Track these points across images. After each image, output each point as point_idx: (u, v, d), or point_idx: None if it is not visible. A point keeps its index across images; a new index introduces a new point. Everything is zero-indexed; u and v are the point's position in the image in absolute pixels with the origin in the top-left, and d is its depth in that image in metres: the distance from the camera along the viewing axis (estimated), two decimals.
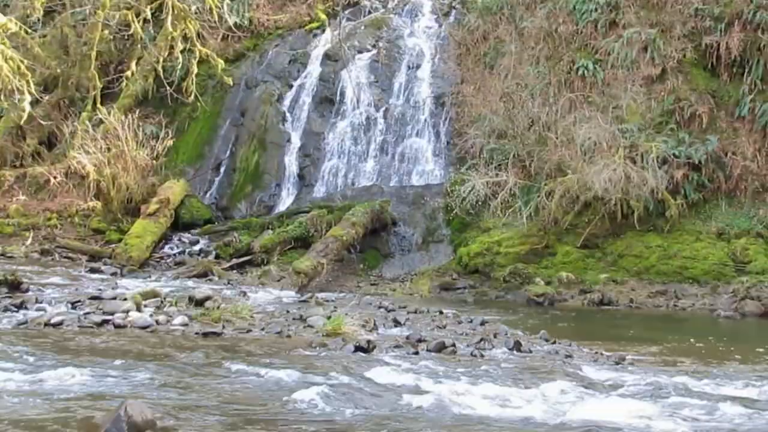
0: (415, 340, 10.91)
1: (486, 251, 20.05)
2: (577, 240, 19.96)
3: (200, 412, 6.81)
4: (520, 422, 7.21)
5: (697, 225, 20.04)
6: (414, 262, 20.92)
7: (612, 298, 18.34)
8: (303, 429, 6.48)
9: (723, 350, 12.42)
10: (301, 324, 11.88)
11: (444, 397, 7.86)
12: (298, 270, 17.99)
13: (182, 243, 21.66)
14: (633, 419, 7.50)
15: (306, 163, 23.84)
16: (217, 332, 10.92)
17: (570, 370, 9.87)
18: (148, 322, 11.20)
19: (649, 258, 19.51)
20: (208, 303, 12.59)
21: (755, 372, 10.58)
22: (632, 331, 14.69)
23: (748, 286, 18.15)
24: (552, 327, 13.41)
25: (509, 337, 11.63)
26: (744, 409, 8.04)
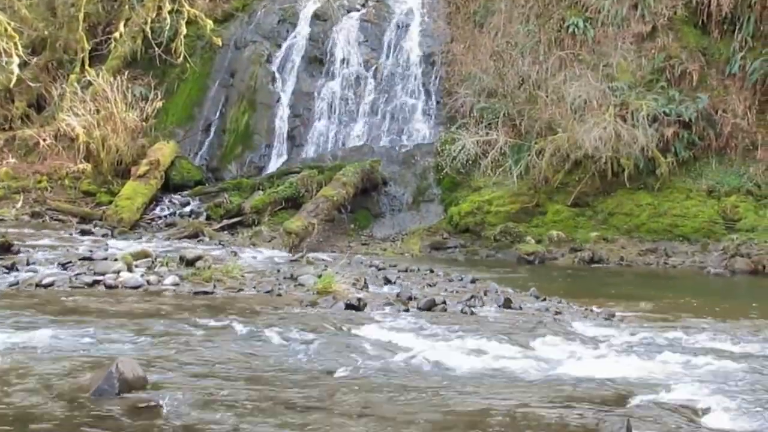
0: (406, 297, 10.93)
1: (477, 210, 20.08)
2: (567, 198, 19.99)
3: (191, 370, 6.82)
4: (510, 377, 7.24)
5: (688, 183, 20.07)
6: (405, 222, 20.94)
7: (602, 256, 18.40)
8: (294, 385, 6.50)
9: (713, 307, 12.46)
10: (292, 283, 11.89)
11: (434, 353, 7.89)
12: (289, 230, 18.01)
13: (173, 204, 21.64)
14: (622, 374, 7.54)
15: (296, 124, 23.78)
16: (208, 291, 10.93)
17: (560, 326, 9.90)
18: (139, 282, 11.20)
19: (639, 216, 19.56)
20: (198, 263, 12.57)
21: (745, 327, 10.63)
22: (622, 289, 14.74)
23: (738, 244, 18.22)
24: (542, 285, 13.45)
25: (499, 295, 11.66)
26: (734, 364, 8.09)
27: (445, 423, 5.62)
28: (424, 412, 5.90)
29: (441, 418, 5.73)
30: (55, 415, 5.32)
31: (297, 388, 6.40)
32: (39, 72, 25.39)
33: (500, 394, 6.45)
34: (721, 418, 6.08)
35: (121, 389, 5.85)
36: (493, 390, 6.62)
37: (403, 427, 5.47)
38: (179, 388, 6.15)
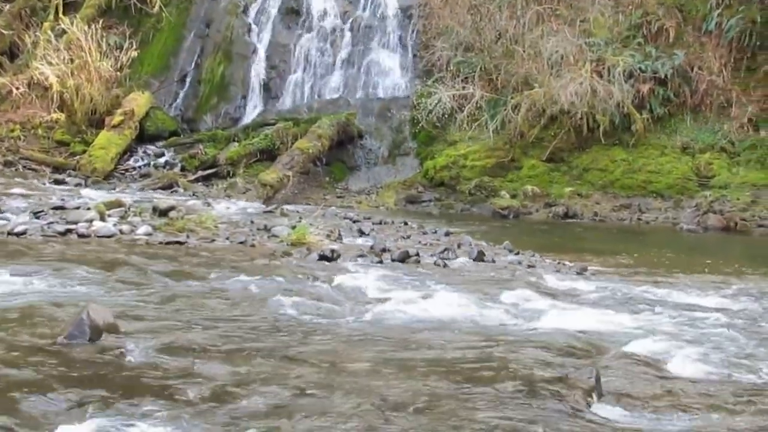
0: (379, 249, 10.94)
1: (452, 164, 20.09)
2: (542, 153, 20.02)
3: (163, 318, 6.82)
4: (481, 328, 7.28)
5: (662, 139, 20.13)
6: (380, 175, 20.94)
7: (576, 212, 18.48)
8: (264, 334, 6.52)
9: (684, 262, 12.56)
10: (266, 234, 11.88)
11: (407, 303, 7.92)
12: (264, 182, 17.97)
13: (147, 155, 21.52)
14: (593, 326, 7.60)
15: (272, 75, 23.64)
16: (181, 241, 10.91)
17: (532, 279, 9.96)
18: (112, 232, 11.16)
19: (614, 172, 19.63)
20: (172, 213, 12.53)
21: (714, 282, 10.72)
22: (596, 244, 14.83)
23: (711, 201, 18.34)
24: (516, 239, 13.50)
25: (473, 248, 11.69)
26: (702, 317, 8.18)
27: (413, 371, 5.65)
28: (394, 360, 5.94)
29: (410, 366, 5.77)
30: (26, 361, 5.31)
31: (268, 337, 6.42)
32: (12, 19, 25.07)
33: (471, 344, 6.49)
34: (688, 368, 6.15)
35: (92, 335, 5.85)
36: (464, 340, 6.66)
37: (372, 375, 5.50)
38: (150, 335, 6.16)
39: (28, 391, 4.72)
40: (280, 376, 5.29)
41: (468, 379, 5.45)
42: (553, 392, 5.23)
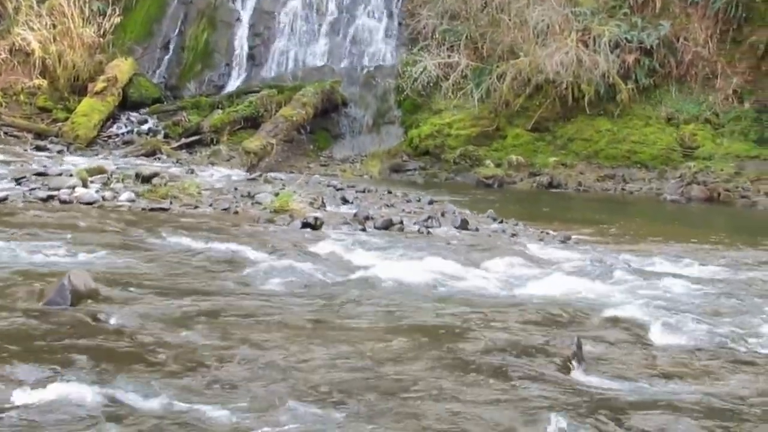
0: (363, 217, 10.92)
1: (437, 133, 20.05)
2: (527, 123, 20.00)
3: (145, 284, 6.81)
4: (463, 295, 7.29)
5: (647, 110, 20.13)
6: (365, 144, 20.88)
7: (561, 181, 18.51)
8: (247, 299, 6.51)
9: (667, 232, 12.59)
10: (249, 201, 11.84)
11: (390, 271, 7.91)
12: (248, 150, 17.91)
13: (130, 122, 21.37)
14: (575, 294, 7.63)
15: (256, 43, 23.47)
16: (164, 208, 10.86)
17: (516, 247, 9.96)
18: (94, 198, 11.09)
19: (598, 142, 19.64)
20: (155, 180, 12.46)
21: (696, 252, 10.76)
22: (579, 213, 14.87)
23: (694, 171, 18.39)
24: (500, 208, 13.50)
25: (457, 216, 11.68)
26: (683, 285, 8.22)
27: (394, 337, 5.66)
28: (374, 325, 5.95)
29: (391, 332, 5.78)
30: (7, 326, 5.30)
31: (250, 302, 6.41)
32: None
33: (452, 311, 6.50)
34: (668, 336, 6.19)
35: (73, 301, 5.84)
36: (446, 307, 6.67)
37: (353, 341, 5.50)
38: (131, 300, 6.15)
39: (8, 356, 4.71)
40: (261, 342, 5.29)
41: (449, 346, 5.46)
42: (534, 359, 5.24)
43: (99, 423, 3.93)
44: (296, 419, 4.10)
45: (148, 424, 3.97)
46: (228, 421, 4.04)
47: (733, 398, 4.87)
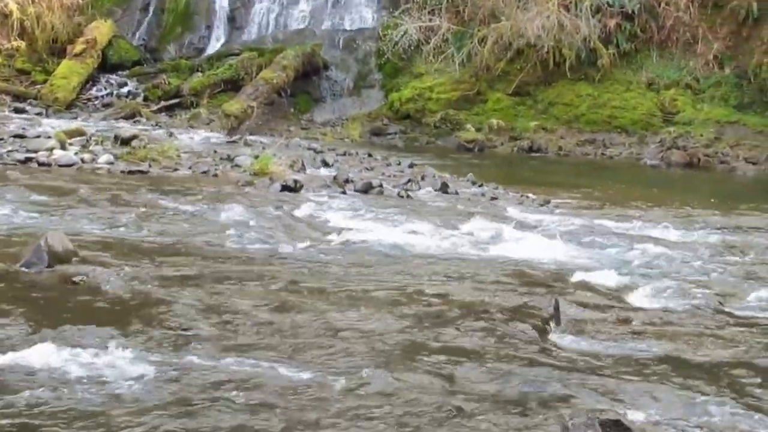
0: (343, 180, 10.91)
1: (417, 97, 19.98)
2: (508, 87, 19.94)
3: (123, 245, 6.80)
4: (443, 258, 7.31)
5: (628, 75, 20.09)
6: (345, 107, 20.79)
7: (541, 146, 18.51)
8: (228, 264, 6.51)
9: (646, 196, 12.62)
10: (229, 164, 11.80)
11: (369, 233, 7.93)
12: (228, 113, 17.83)
13: (110, 85, 21.21)
14: (554, 257, 7.65)
15: (237, 5, 23.26)
16: (143, 170, 10.82)
17: (495, 211, 10.00)
18: (73, 160, 11.04)
19: (579, 107, 19.60)
20: (134, 142, 12.41)
21: (675, 216, 10.81)
22: (559, 177, 14.87)
23: (674, 136, 18.40)
24: (480, 172, 13.50)
25: (436, 179, 11.69)
26: (661, 250, 8.25)
27: (371, 297, 5.67)
28: (353, 285, 5.96)
29: (368, 292, 5.79)
30: None
31: (228, 264, 6.41)
32: None
33: (431, 273, 6.52)
34: (644, 299, 6.23)
35: (50, 262, 5.82)
36: (425, 268, 6.69)
37: (330, 302, 5.52)
38: (110, 261, 6.13)
39: None
40: (239, 303, 5.29)
41: (428, 307, 5.48)
42: (512, 320, 5.27)
43: (72, 383, 3.93)
44: (268, 377, 4.12)
45: (125, 384, 3.97)
46: (200, 381, 4.05)
47: (707, 359, 4.91)
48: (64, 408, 3.67)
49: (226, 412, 3.70)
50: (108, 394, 3.84)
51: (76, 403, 3.72)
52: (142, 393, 3.87)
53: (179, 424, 3.58)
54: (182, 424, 3.58)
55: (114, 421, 3.58)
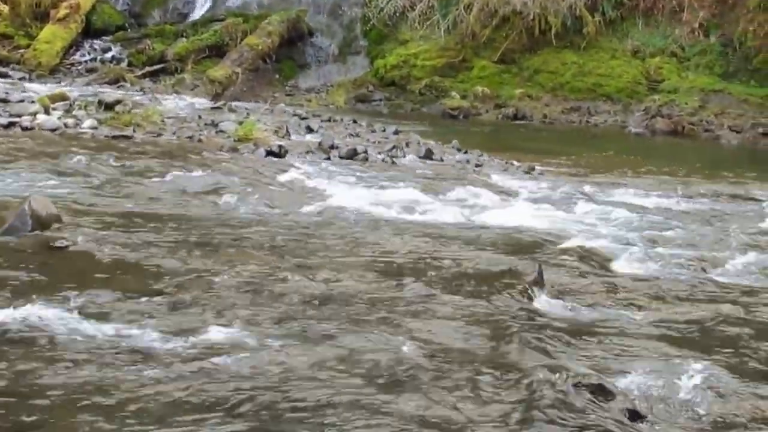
0: (328, 146, 10.87)
1: (403, 64, 19.92)
2: (493, 54, 19.90)
3: (107, 210, 6.78)
4: (429, 223, 7.32)
5: (614, 43, 20.08)
6: (330, 74, 20.72)
7: (526, 113, 18.49)
8: (210, 226, 6.50)
9: (631, 164, 12.65)
10: (213, 129, 11.74)
11: (354, 200, 7.94)
12: (213, 78, 17.77)
13: (94, 50, 21.07)
14: (538, 223, 7.68)
15: None
16: (127, 135, 10.76)
17: (480, 177, 10.01)
18: (56, 125, 10.98)
19: (564, 74, 19.59)
20: (118, 107, 12.33)
21: (661, 183, 10.86)
22: (544, 145, 14.89)
23: (659, 104, 18.42)
24: (465, 139, 13.47)
25: (421, 146, 11.68)
26: (645, 217, 8.30)
27: (356, 263, 5.68)
28: (336, 250, 5.96)
29: (354, 258, 5.80)
30: None
31: (212, 229, 6.40)
32: None
33: (416, 239, 6.52)
34: (629, 264, 6.26)
35: (34, 226, 5.80)
36: (410, 235, 6.69)
37: (316, 265, 5.52)
38: (94, 226, 6.12)
39: None
40: (223, 269, 5.28)
41: (410, 272, 5.49)
42: (495, 285, 5.29)
43: (53, 346, 3.94)
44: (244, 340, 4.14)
45: (103, 346, 3.98)
46: (180, 344, 4.07)
47: (690, 324, 4.94)
48: (50, 370, 3.68)
49: (212, 376, 3.71)
50: (99, 362, 3.85)
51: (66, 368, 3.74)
52: (128, 356, 3.88)
53: (160, 389, 3.60)
54: (160, 391, 3.59)
55: (102, 384, 3.59)
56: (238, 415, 3.41)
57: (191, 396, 3.52)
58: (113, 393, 3.52)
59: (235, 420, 3.37)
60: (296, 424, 3.35)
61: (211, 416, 3.38)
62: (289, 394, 3.58)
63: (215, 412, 3.41)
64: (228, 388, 3.60)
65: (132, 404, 3.43)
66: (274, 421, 3.39)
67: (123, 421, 3.30)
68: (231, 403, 3.47)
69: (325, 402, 3.52)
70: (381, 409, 3.50)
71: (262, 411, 3.44)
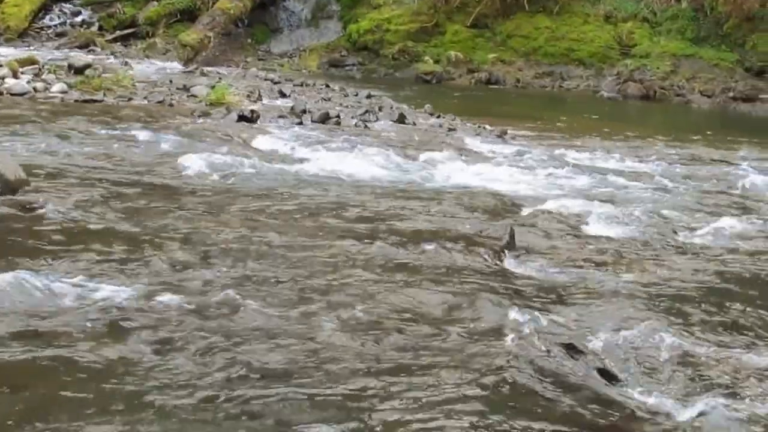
0: (300, 110, 10.82)
1: (376, 28, 19.85)
2: (467, 19, 19.85)
3: (76, 174, 6.71)
4: (401, 186, 7.33)
5: (586, 7, 20.09)
6: (303, 38, 20.63)
7: (499, 78, 18.51)
8: (180, 192, 6.47)
9: (603, 128, 12.70)
10: (185, 94, 11.67)
11: (327, 163, 7.92)
12: (184, 43, 17.64)
13: (63, 14, 20.87)
14: (510, 186, 7.70)
15: None
16: (97, 100, 10.69)
17: (452, 141, 10.02)
18: (26, 89, 10.87)
19: (537, 39, 19.58)
20: (88, 71, 12.22)
21: (632, 147, 10.93)
22: (517, 109, 14.91)
23: (631, 69, 18.49)
24: (438, 103, 13.47)
25: (394, 110, 11.67)
26: (616, 179, 8.34)
27: (327, 224, 5.69)
28: (308, 214, 5.95)
29: (326, 220, 5.80)
30: None
31: (183, 194, 6.37)
32: None
33: (388, 201, 6.53)
34: (600, 227, 6.29)
35: (2, 190, 5.76)
36: (382, 198, 6.69)
37: (287, 226, 5.51)
38: (63, 190, 6.07)
39: None
40: (195, 233, 5.27)
41: (383, 234, 5.49)
42: (467, 247, 5.30)
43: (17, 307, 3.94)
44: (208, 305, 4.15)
45: (68, 307, 3.99)
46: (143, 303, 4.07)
47: (659, 285, 4.98)
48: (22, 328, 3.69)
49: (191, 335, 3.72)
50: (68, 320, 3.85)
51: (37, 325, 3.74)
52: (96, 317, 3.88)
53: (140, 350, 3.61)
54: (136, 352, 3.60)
55: (73, 346, 3.59)
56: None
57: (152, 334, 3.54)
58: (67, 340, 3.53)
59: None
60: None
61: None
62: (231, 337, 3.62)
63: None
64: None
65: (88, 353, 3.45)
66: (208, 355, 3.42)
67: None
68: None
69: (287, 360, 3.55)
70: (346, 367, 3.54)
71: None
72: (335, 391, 3.36)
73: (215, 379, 3.39)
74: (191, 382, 3.35)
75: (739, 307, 4.66)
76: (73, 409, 3.11)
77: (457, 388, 3.43)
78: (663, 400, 3.54)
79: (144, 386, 3.30)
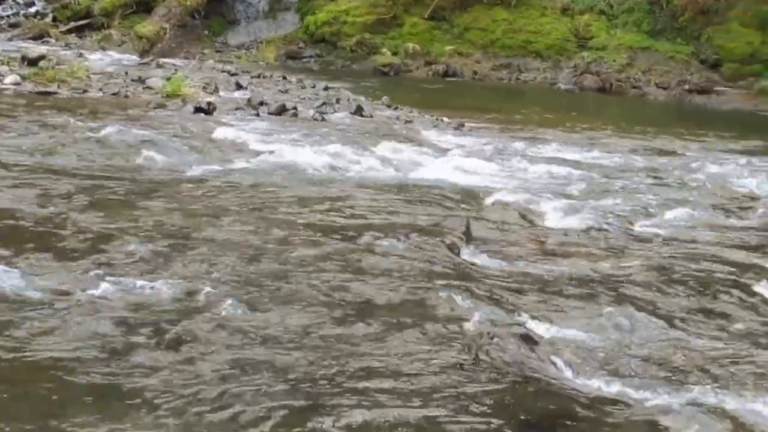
0: (257, 102, 10.78)
1: (333, 20, 19.79)
2: (424, 11, 19.86)
3: (30, 166, 6.64)
4: (357, 178, 7.32)
5: (543, 0, 20.15)
6: (260, 30, 20.51)
7: (457, 70, 18.54)
8: (135, 184, 6.41)
9: (560, 120, 12.77)
10: (140, 85, 11.58)
11: (282, 155, 7.88)
12: (140, 34, 17.50)
13: (17, 4, 20.62)
14: (467, 177, 7.73)
15: None
16: (52, 92, 10.56)
17: (410, 133, 10.02)
18: None
19: (494, 31, 19.63)
20: (42, 63, 12.09)
21: (589, 139, 10.99)
22: (474, 101, 14.93)
23: (588, 62, 18.60)
24: (396, 95, 13.45)
25: (351, 102, 11.66)
26: (571, 171, 8.40)
27: (283, 217, 5.67)
28: (264, 206, 5.93)
29: (281, 212, 5.78)
30: None
31: (139, 186, 6.32)
32: None
33: (344, 193, 6.52)
34: (555, 218, 6.33)
35: None
36: (338, 190, 6.68)
37: (242, 219, 5.49)
38: (16, 182, 6.01)
39: None
40: (150, 226, 5.23)
41: (339, 227, 5.49)
42: (423, 239, 5.30)
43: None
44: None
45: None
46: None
47: (613, 275, 5.02)
48: None
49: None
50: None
51: None
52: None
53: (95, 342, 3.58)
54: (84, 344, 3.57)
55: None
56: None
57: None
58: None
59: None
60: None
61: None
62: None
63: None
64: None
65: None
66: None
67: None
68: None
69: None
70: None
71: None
72: (284, 384, 3.35)
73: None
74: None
75: (691, 295, 4.71)
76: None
77: (412, 379, 3.43)
78: (617, 388, 3.56)
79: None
